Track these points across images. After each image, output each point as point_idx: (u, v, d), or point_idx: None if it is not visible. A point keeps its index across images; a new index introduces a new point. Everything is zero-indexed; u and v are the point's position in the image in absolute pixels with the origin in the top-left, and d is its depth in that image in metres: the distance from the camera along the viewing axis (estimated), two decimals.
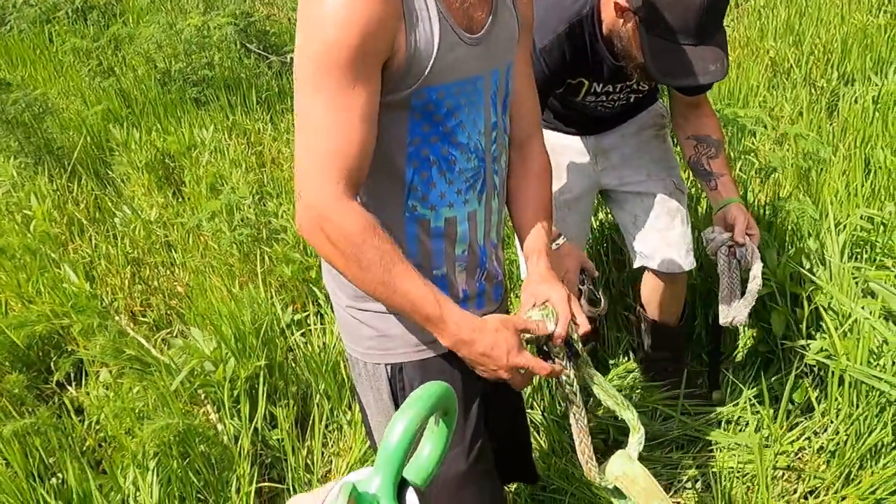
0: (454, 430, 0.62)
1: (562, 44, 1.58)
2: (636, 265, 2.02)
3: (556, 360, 1.16)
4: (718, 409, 2.13)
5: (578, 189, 1.98)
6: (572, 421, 1.17)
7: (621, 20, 1.50)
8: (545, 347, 1.17)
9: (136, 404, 2.27)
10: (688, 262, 1.94)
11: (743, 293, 1.72)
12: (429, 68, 1.04)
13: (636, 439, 1.17)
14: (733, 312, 1.72)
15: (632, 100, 1.83)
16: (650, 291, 2.10)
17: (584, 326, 1.15)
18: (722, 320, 1.75)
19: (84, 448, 2.32)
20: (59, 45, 5.21)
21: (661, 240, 1.94)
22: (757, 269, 1.69)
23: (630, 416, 1.18)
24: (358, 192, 1.04)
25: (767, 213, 2.47)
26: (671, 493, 1.95)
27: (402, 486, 0.55)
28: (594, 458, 1.16)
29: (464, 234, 1.19)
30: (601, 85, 1.73)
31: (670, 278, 2.00)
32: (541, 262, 1.21)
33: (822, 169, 2.80)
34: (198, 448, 2.13)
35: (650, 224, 1.94)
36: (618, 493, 1.17)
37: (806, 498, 1.86)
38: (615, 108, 1.84)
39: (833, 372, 1.85)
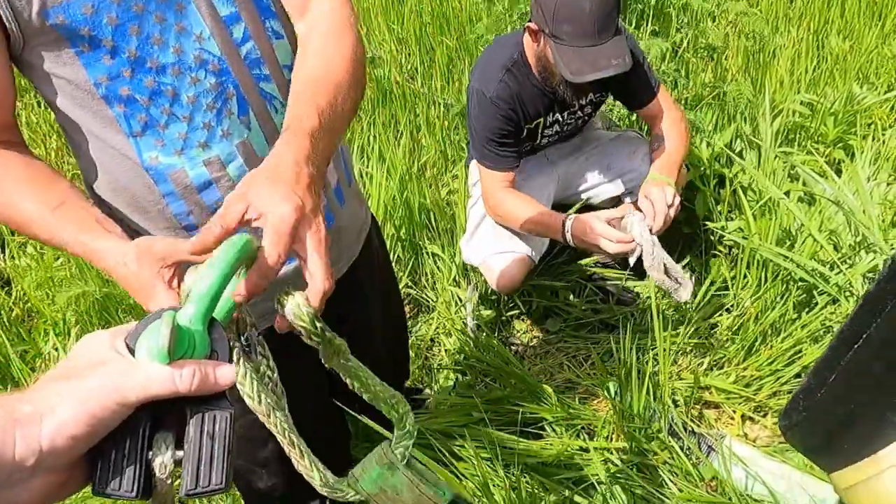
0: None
1: (507, 86, 1.81)
2: (630, 201, 2.01)
3: (240, 348, 0.62)
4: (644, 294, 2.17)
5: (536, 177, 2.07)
6: (275, 431, 0.62)
7: (537, 44, 1.75)
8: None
9: (58, 273, 2.25)
10: None
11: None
12: None
13: (400, 437, 0.76)
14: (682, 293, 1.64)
15: (579, 124, 2.06)
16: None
17: (318, 286, 0.64)
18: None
19: (11, 318, 2.31)
20: None
21: (636, 159, 2.02)
22: (654, 255, 1.58)
23: (395, 415, 0.77)
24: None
25: (707, 93, 2.42)
26: (583, 368, 2.01)
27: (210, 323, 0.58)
28: (326, 470, 0.66)
29: (244, 173, 0.95)
30: (552, 115, 1.93)
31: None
32: (289, 147, 0.73)
33: (770, 52, 2.74)
34: (120, 316, 2.14)
35: (623, 154, 2.05)
36: None
37: (711, 369, 1.93)
38: (565, 134, 2.05)
39: (744, 250, 1.87)
